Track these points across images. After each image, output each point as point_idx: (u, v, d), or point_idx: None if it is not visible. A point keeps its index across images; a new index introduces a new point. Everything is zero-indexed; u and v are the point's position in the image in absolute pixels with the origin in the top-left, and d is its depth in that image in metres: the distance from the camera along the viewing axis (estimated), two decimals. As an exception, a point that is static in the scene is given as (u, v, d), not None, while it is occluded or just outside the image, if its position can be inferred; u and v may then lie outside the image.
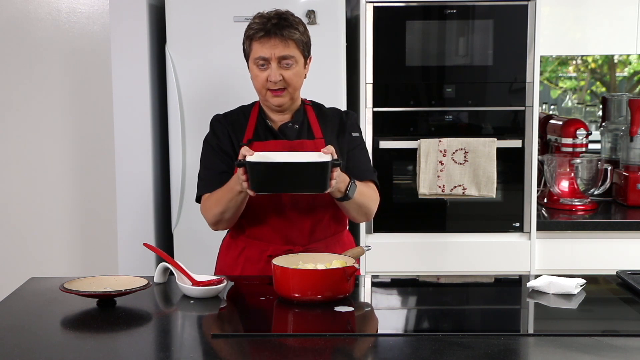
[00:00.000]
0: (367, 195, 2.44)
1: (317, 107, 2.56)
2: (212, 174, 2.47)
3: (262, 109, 2.51)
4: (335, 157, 2.24)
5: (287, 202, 2.42)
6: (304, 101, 2.54)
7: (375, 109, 3.31)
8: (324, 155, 2.23)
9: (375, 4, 3.26)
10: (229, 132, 2.49)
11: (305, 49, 2.43)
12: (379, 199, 2.52)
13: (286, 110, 2.48)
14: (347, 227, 2.62)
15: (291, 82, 2.40)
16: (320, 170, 2.18)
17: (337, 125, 2.52)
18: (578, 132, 3.55)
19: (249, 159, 2.20)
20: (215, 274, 2.53)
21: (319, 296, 2.06)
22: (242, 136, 2.47)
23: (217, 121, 2.54)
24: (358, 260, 2.23)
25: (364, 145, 2.57)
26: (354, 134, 2.54)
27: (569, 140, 3.57)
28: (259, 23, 2.38)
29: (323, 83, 3.21)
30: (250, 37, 2.40)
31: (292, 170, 2.17)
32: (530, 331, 2.01)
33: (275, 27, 2.36)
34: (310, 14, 3.16)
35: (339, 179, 2.27)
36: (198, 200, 2.53)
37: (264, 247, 2.45)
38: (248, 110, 2.54)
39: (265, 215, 2.44)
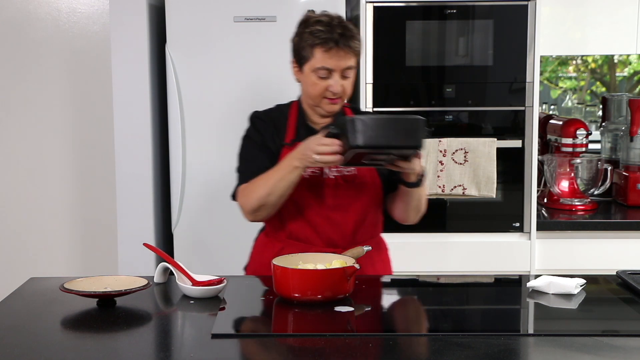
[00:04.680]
0: (426, 190, 2.46)
1: (354, 109, 2.55)
2: (255, 168, 2.42)
3: (302, 110, 2.48)
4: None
5: (330, 203, 2.40)
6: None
7: (375, 109, 3.31)
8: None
9: (375, 4, 3.26)
10: (272, 130, 2.45)
11: (359, 58, 2.42)
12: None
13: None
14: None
15: (347, 91, 2.40)
16: (418, 125, 2.20)
17: None
18: (578, 132, 3.55)
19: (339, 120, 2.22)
20: (247, 274, 2.52)
21: (319, 296, 2.06)
22: (282, 135, 2.44)
23: (259, 118, 2.50)
24: (358, 260, 2.23)
25: None
26: None
27: (569, 140, 3.57)
28: (324, 31, 2.32)
29: (323, 83, 3.21)
30: (313, 45, 2.34)
31: (391, 123, 2.19)
32: (530, 331, 2.01)
33: (342, 38, 2.32)
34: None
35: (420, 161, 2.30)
36: (234, 196, 2.48)
37: (304, 248, 2.39)
38: (286, 109, 2.51)
39: (308, 216, 2.41)
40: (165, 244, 3.41)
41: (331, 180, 2.40)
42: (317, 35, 2.33)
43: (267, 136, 2.45)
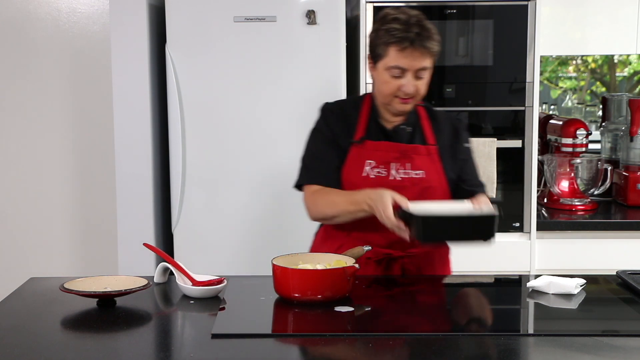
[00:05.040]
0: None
1: (427, 109, 2.50)
2: (323, 166, 2.41)
3: (374, 106, 2.44)
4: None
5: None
6: None
7: (375, 109, 3.31)
8: (485, 207, 2.20)
9: (375, 4, 3.26)
10: (342, 125, 2.43)
11: (436, 58, 2.37)
12: None
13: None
14: None
15: (420, 91, 2.35)
16: (491, 222, 2.16)
17: (450, 133, 2.47)
18: (578, 132, 3.55)
19: (411, 210, 2.17)
20: None
21: (319, 296, 2.06)
22: (352, 131, 2.42)
23: (330, 110, 2.47)
24: (358, 260, 2.23)
25: (473, 155, 2.54)
26: (466, 145, 2.50)
27: (569, 140, 3.57)
28: (401, 30, 2.28)
29: (323, 83, 3.21)
30: (387, 43, 2.30)
31: (463, 222, 2.15)
32: (530, 331, 2.01)
33: (418, 37, 2.27)
34: (310, 14, 3.16)
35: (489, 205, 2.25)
36: (298, 187, 2.47)
37: None
38: (359, 103, 2.47)
39: (373, 218, 2.36)
40: (165, 244, 3.41)
41: (397, 182, 2.37)
42: (392, 34, 2.29)
43: (337, 131, 2.43)
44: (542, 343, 1.85)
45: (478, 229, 2.16)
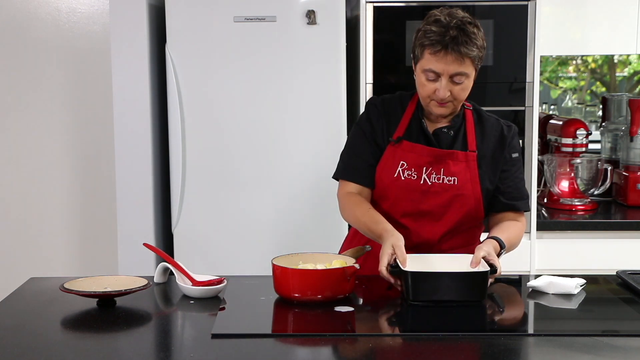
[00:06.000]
0: (515, 243, 2.37)
1: (477, 112, 2.43)
2: (357, 163, 2.40)
3: (421, 106, 2.39)
4: (492, 263, 2.17)
5: (423, 208, 2.36)
6: (464, 105, 2.40)
7: (375, 109, 3.30)
8: (482, 264, 2.17)
9: (375, 4, 3.26)
10: (384, 122, 2.40)
11: (479, 62, 2.28)
12: (525, 227, 2.45)
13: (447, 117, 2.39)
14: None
15: (458, 96, 2.28)
16: (481, 280, 2.12)
17: (496, 140, 2.41)
18: (578, 132, 3.56)
19: (403, 266, 2.13)
20: None
21: (319, 296, 2.06)
22: (392, 129, 2.39)
23: (374, 106, 2.44)
24: (358, 260, 2.23)
25: (520, 166, 2.46)
26: (514, 155, 2.42)
27: (569, 140, 3.57)
28: (437, 33, 2.22)
29: (323, 83, 3.21)
30: (423, 45, 2.25)
31: (451, 279, 2.12)
32: (530, 331, 2.01)
33: (453, 41, 2.20)
34: (310, 14, 3.16)
35: (491, 256, 2.21)
36: (336, 177, 2.47)
37: None
38: (406, 101, 2.43)
39: (398, 217, 2.37)
40: (165, 244, 3.41)
41: (428, 186, 2.34)
42: (428, 36, 2.24)
43: (377, 128, 2.40)
44: (542, 343, 1.85)
45: (469, 288, 2.12)
